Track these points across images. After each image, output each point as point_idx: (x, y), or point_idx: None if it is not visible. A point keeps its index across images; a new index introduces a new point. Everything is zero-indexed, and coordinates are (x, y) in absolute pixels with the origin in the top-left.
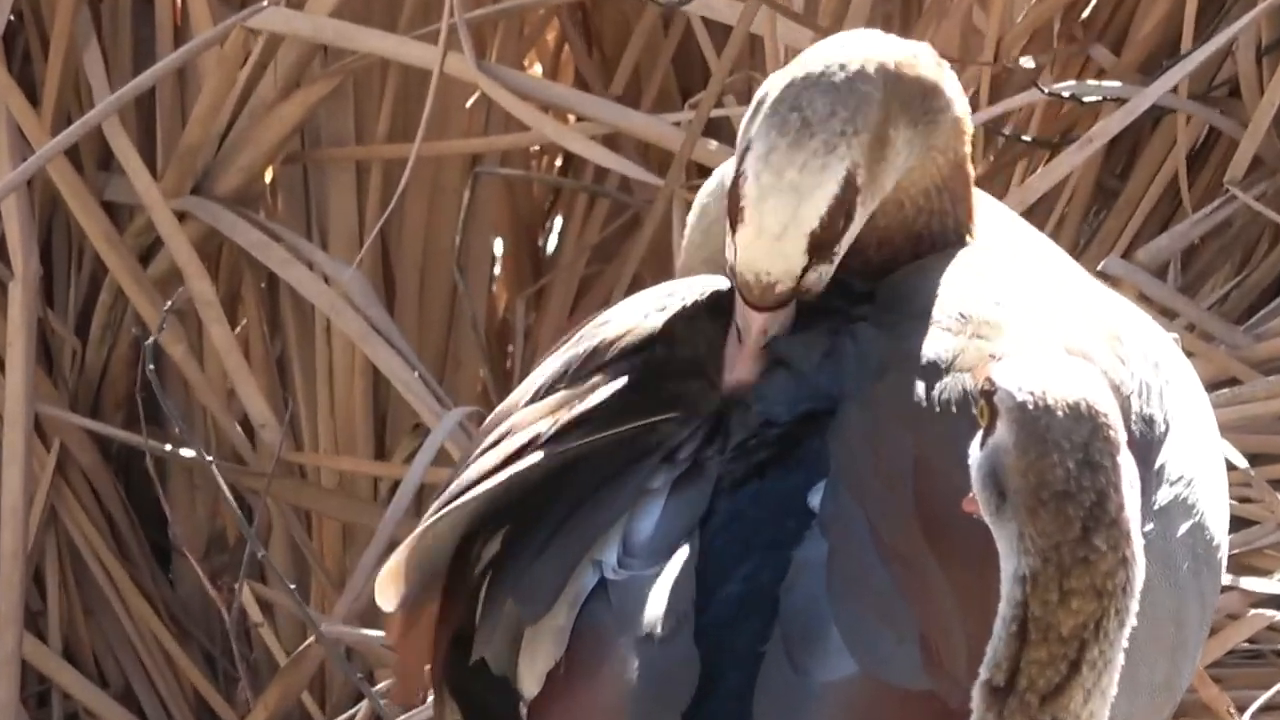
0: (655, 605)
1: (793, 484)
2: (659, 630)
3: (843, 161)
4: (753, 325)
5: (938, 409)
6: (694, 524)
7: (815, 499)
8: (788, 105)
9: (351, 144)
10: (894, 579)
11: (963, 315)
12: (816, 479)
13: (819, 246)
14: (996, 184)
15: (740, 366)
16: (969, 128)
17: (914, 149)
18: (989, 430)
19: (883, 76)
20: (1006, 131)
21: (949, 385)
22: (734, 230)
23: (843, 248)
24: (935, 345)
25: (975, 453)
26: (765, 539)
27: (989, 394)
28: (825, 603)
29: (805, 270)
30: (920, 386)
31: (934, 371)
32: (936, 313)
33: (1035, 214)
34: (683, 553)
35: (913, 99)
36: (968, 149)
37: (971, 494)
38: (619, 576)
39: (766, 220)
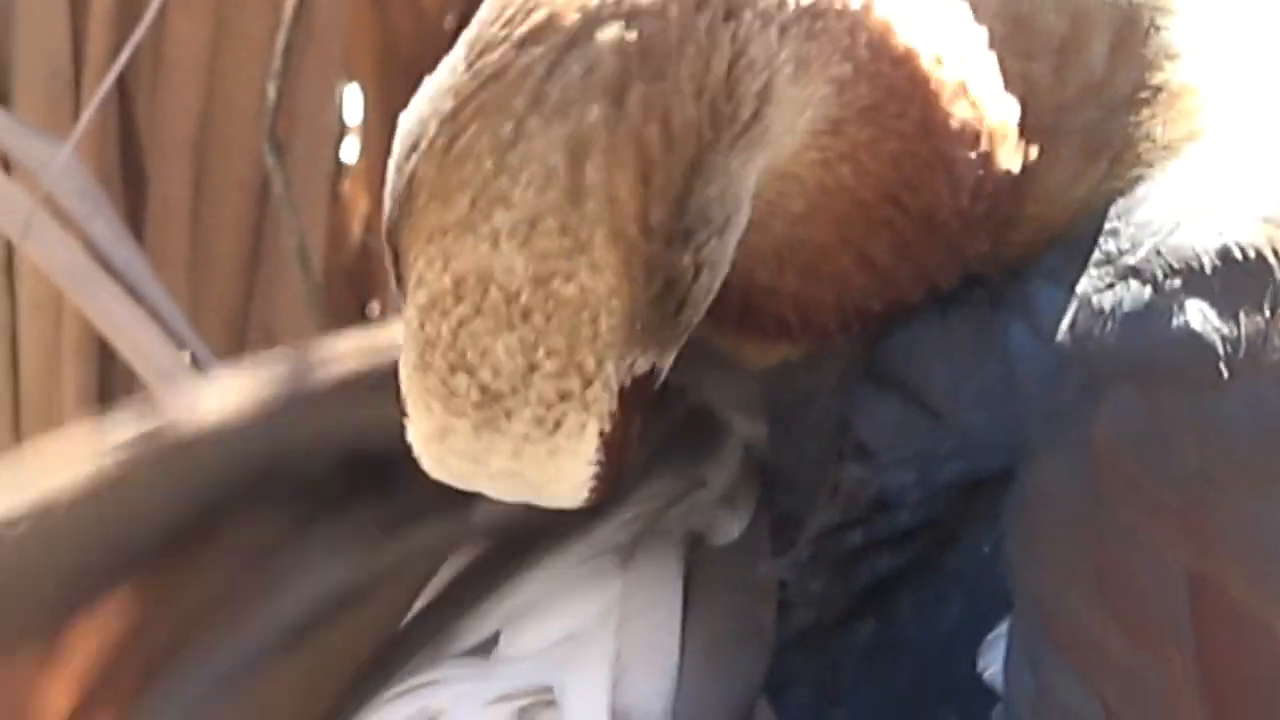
0: None
1: (940, 630)
2: None
3: (586, 421)
4: None
5: (1242, 459)
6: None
7: (990, 661)
8: (441, 352)
9: None
10: None
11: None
12: (987, 621)
13: (616, 444)
14: None
15: None
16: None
17: (742, 185)
18: None
19: (600, 156)
20: None
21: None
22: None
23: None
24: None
25: None
26: None
27: None
28: None
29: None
30: (1182, 406)
31: (1202, 368)
32: (1179, 241)
33: None
34: None
35: (681, 135)
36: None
37: None
38: None
39: (500, 493)
